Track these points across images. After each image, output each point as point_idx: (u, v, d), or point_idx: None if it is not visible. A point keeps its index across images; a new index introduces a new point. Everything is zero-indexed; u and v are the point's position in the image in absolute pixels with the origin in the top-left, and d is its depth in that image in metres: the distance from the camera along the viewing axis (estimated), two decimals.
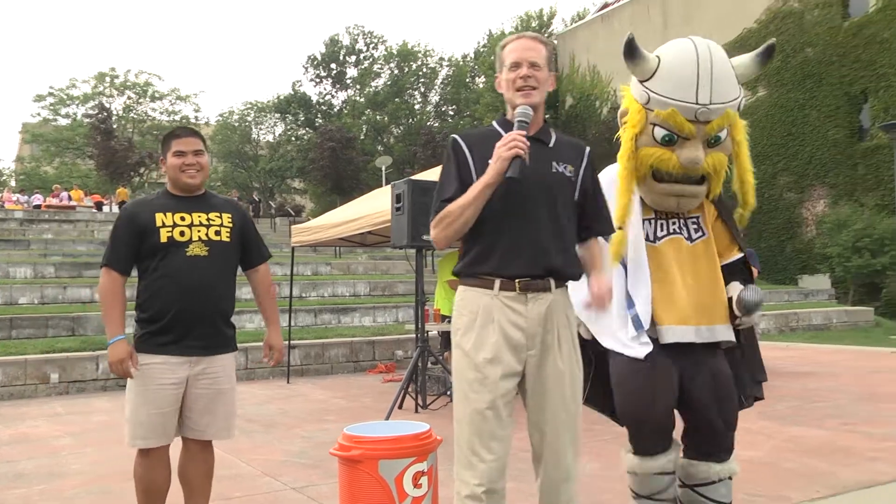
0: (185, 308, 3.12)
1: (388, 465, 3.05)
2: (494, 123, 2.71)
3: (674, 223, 2.74)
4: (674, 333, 2.69)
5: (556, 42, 34.03)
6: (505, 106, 2.70)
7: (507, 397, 2.53)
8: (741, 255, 2.91)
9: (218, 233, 3.23)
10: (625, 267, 2.78)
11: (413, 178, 6.83)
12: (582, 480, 4.45)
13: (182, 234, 3.17)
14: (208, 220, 3.23)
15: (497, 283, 2.53)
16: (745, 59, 2.64)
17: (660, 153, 2.61)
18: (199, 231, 3.19)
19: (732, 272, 2.87)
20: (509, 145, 2.40)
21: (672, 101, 2.52)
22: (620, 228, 2.64)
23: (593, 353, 2.92)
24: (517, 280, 2.52)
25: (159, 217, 3.17)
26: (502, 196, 2.50)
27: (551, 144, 2.65)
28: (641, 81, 2.63)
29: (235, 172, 44.47)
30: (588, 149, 2.76)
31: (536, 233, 2.55)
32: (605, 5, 32.66)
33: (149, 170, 33.04)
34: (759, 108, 23.97)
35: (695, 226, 2.77)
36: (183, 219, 3.19)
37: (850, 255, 19.25)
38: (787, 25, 24.51)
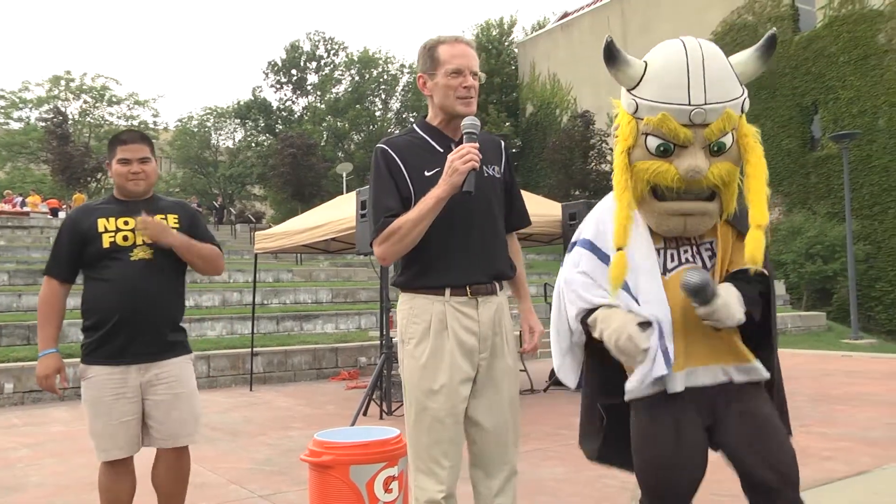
0: (128, 314, 3.06)
1: (359, 470, 3.06)
2: (416, 128, 2.66)
3: (685, 251, 2.30)
4: (690, 378, 2.24)
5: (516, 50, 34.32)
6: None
7: (464, 403, 2.54)
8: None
9: None
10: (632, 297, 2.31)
11: None
12: (549, 485, 4.53)
13: (125, 238, 3.13)
14: None
15: (447, 290, 2.52)
16: (744, 56, 2.26)
17: (656, 166, 2.19)
18: (143, 235, 3.14)
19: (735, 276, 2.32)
20: (465, 158, 2.37)
21: (661, 105, 2.16)
22: (620, 250, 2.22)
23: (603, 408, 2.48)
24: (468, 286, 2.53)
25: (102, 222, 3.14)
26: (447, 205, 2.47)
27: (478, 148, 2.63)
28: (629, 90, 2.28)
29: (195, 178, 43.87)
30: (503, 142, 2.79)
31: (481, 240, 2.57)
32: (566, 14, 33.01)
33: (106, 175, 32.46)
34: None
35: (708, 252, 2.33)
36: (126, 223, 3.15)
37: (803, 261, 19.72)
38: (742, 38, 25.07)
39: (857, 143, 20.68)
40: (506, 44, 34.97)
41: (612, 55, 2.22)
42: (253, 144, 42.37)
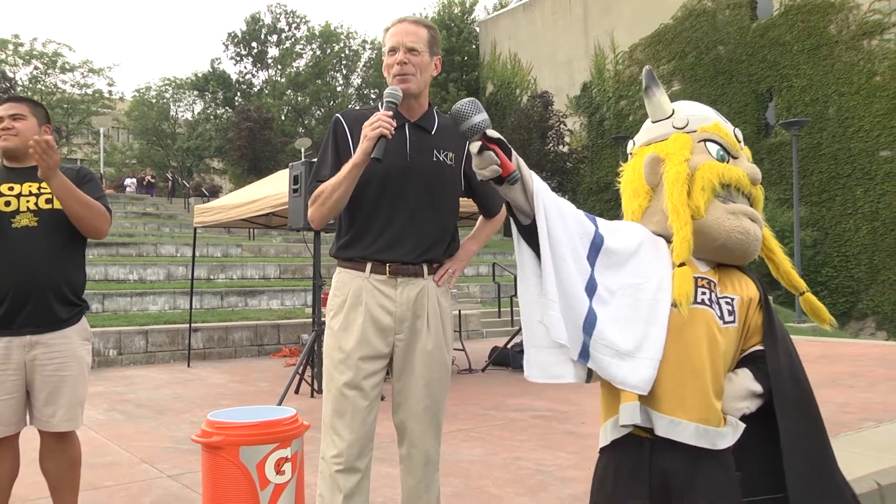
0: (9, 284, 2.92)
1: (249, 451, 2.98)
2: (379, 105, 2.67)
3: (703, 293, 2.03)
4: (678, 429, 1.95)
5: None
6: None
7: (372, 379, 2.56)
8: (761, 347, 2.09)
9: (49, 201, 3.03)
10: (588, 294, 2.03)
11: (312, 160, 6.73)
12: (463, 466, 4.50)
13: (8, 203, 2.98)
14: (39, 188, 3.03)
15: (368, 265, 2.55)
16: None
17: (725, 165, 2.08)
18: (27, 201, 3.00)
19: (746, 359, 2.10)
20: (374, 125, 2.38)
21: (712, 116, 2.19)
22: (682, 265, 2.00)
23: None
24: (388, 264, 2.54)
25: None
26: (381, 181, 2.53)
27: (433, 132, 2.64)
28: (659, 120, 2.23)
29: (152, 150, 43.12)
30: None
31: (412, 220, 2.57)
32: None
33: (58, 145, 31.62)
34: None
35: (728, 307, 2.04)
36: (11, 189, 3.01)
37: None
38: (700, 23, 25.24)
39: (807, 130, 21.03)
40: (467, 22, 34.78)
41: (655, 81, 2.22)
42: (212, 117, 41.72)
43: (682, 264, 1.99)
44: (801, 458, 1.94)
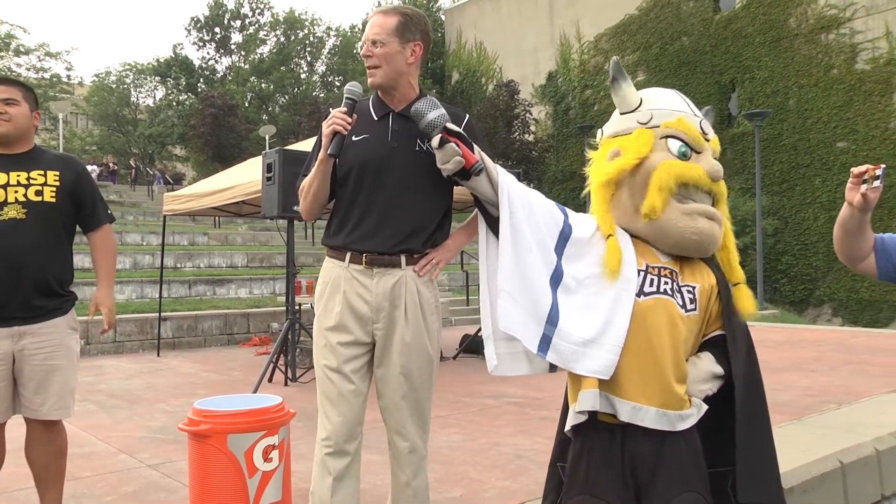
0: None
1: (237, 439, 3.01)
2: (370, 100, 2.71)
3: (666, 282, 2.10)
4: (640, 414, 2.04)
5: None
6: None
7: (352, 363, 2.61)
8: (722, 332, 2.18)
9: (39, 192, 2.99)
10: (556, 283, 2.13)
11: (285, 148, 6.72)
12: (443, 452, 4.57)
13: None
14: (28, 179, 2.99)
15: (347, 255, 2.61)
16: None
17: (683, 164, 2.10)
18: (16, 192, 2.95)
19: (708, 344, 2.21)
20: (328, 122, 2.46)
21: (677, 111, 2.19)
22: (611, 236, 2.11)
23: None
24: (364, 254, 2.58)
25: None
26: (360, 171, 2.57)
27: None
28: (633, 110, 2.24)
29: (113, 137, 42.30)
30: (467, 117, 2.71)
31: (389, 210, 2.58)
32: None
33: None
34: None
35: (690, 295, 2.12)
36: None
37: None
38: (665, 14, 25.52)
39: (769, 121, 21.41)
40: (433, 10, 34.68)
41: (621, 73, 2.23)
42: (174, 103, 41.05)
43: (609, 235, 2.12)
44: (749, 435, 2.07)
